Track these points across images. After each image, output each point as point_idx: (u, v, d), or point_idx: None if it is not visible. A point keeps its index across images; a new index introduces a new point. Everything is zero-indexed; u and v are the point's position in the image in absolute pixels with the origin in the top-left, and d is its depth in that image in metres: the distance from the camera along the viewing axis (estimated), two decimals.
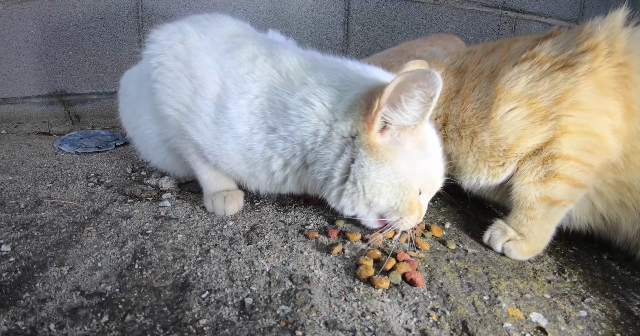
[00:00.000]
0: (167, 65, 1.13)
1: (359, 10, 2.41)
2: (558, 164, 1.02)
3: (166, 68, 1.13)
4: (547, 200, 1.05)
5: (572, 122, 1.00)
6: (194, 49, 1.13)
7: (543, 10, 2.54)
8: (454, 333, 0.81)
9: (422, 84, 0.86)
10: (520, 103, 1.04)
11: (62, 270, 0.95)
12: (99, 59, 2.27)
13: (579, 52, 1.01)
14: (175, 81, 1.12)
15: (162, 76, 1.14)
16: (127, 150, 1.77)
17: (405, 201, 1.00)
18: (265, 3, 2.31)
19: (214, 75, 1.10)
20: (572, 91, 0.99)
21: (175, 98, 1.13)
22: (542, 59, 1.04)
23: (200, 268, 0.98)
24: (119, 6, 2.21)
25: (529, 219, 1.08)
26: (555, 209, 1.07)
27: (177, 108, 1.14)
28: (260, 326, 0.80)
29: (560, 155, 1.02)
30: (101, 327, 0.79)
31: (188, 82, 1.11)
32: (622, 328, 0.86)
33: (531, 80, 1.03)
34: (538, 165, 1.05)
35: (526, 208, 1.08)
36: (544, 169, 1.04)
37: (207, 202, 1.25)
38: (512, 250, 1.08)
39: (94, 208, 1.25)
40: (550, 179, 1.03)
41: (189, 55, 1.12)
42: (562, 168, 1.02)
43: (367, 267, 0.96)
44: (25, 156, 1.68)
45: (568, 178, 1.02)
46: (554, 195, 1.04)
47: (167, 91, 1.13)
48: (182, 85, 1.12)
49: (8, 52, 2.16)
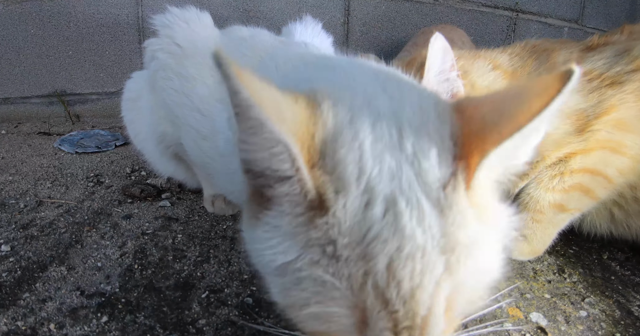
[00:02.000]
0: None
1: (359, 10, 2.40)
2: (586, 177, 1.01)
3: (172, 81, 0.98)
4: (560, 207, 1.04)
5: (609, 139, 0.99)
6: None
7: (543, 10, 2.54)
8: (453, 333, 0.81)
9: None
10: (568, 121, 1.02)
11: (62, 270, 0.95)
12: (99, 59, 2.26)
13: (629, 70, 1.01)
14: (175, 97, 0.96)
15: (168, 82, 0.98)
16: (127, 150, 1.77)
17: None
18: (266, 3, 2.31)
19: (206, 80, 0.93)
20: (616, 108, 0.98)
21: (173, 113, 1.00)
22: (592, 76, 1.03)
23: (200, 268, 0.98)
24: (119, 6, 2.21)
25: (535, 222, 1.07)
26: (563, 216, 1.06)
27: (172, 120, 1.03)
28: (260, 326, 0.80)
29: (590, 169, 1.01)
30: (101, 327, 0.79)
31: (186, 99, 0.94)
32: (622, 328, 0.86)
33: (580, 97, 1.02)
34: (560, 173, 1.03)
35: (535, 211, 1.06)
36: (569, 179, 1.02)
37: (207, 203, 1.25)
38: (513, 250, 1.07)
39: (94, 208, 1.25)
40: (571, 190, 1.02)
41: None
42: (587, 181, 1.01)
43: None
44: (25, 156, 1.68)
45: (588, 191, 1.02)
46: (568, 204, 1.04)
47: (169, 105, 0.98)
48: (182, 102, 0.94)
49: (8, 52, 2.16)
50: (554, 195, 1.04)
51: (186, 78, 0.92)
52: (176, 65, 0.94)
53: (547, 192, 1.05)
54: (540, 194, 1.06)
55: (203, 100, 0.88)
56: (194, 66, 0.92)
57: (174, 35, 0.97)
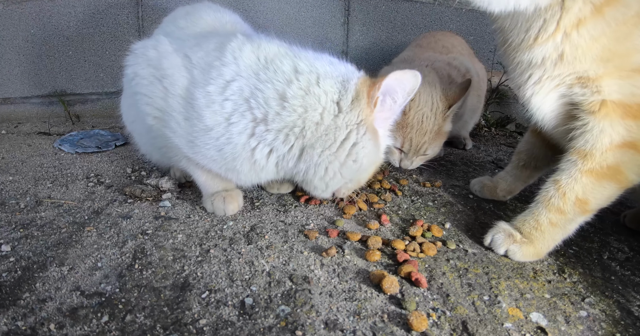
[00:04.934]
0: (141, 74, 1.14)
1: (359, 10, 2.40)
2: (626, 155, 0.94)
3: (141, 77, 1.14)
4: (583, 204, 1.00)
5: None
6: (164, 53, 1.13)
7: None
8: (454, 333, 0.81)
9: (410, 80, 1.05)
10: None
11: (62, 270, 0.95)
12: (99, 59, 2.26)
13: None
14: (149, 87, 1.13)
15: (139, 86, 1.15)
16: (127, 150, 1.77)
17: (370, 176, 1.19)
18: (266, 3, 2.31)
19: (182, 70, 1.09)
20: None
21: (151, 105, 1.13)
22: None
23: (200, 268, 0.98)
24: (119, 6, 2.21)
25: (551, 225, 1.04)
26: (580, 219, 1.03)
27: (155, 115, 1.14)
28: (260, 326, 0.80)
29: (634, 143, 0.93)
30: (101, 327, 0.79)
31: (159, 84, 1.11)
32: (622, 328, 0.86)
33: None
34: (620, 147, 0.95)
35: (556, 210, 1.02)
36: (611, 156, 0.95)
37: (207, 203, 1.25)
38: (517, 253, 1.06)
39: (94, 208, 1.25)
40: (608, 173, 0.96)
41: (160, 59, 1.13)
42: (626, 159, 0.94)
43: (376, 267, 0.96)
44: (25, 156, 1.68)
45: (623, 180, 0.97)
46: (593, 198, 0.99)
47: (144, 100, 1.14)
48: (155, 89, 1.12)
49: (8, 52, 2.16)
50: (585, 186, 0.98)
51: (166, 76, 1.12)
52: (155, 70, 1.13)
53: (581, 178, 0.98)
54: (570, 184, 0.99)
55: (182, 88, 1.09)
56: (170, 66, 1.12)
57: (147, 54, 1.16)
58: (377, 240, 1.09)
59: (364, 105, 1.06)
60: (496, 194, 1.41)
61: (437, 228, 1.18)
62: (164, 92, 1.11)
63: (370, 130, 1.08)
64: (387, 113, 1.11)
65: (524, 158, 1.33)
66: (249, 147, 1.07)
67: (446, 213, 1.31)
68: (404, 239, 1.13)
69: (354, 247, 1.09)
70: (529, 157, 1.32)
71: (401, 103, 1.09)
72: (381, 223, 1.22)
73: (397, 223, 1.24)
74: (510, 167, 1.37)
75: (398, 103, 1.09)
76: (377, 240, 1.09)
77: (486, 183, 1.43)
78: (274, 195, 1.38)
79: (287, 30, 2.34)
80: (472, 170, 1.73)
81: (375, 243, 1.09)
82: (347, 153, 1.08)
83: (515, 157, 1.35)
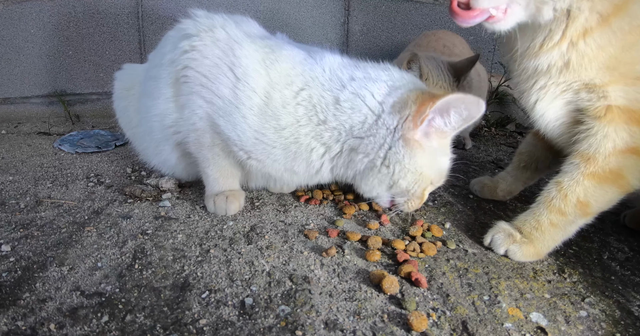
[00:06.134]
0: (203, 51, 1.09)
1: (359, 10, 2.40)
2: (629, 160, 0.94)
3: (202, 54, 1.09)
4: (584, 207, 1.00)
5: None
6: (237, 38, 1.10)
7: None
8: (454, 333, 0.81)
9: (471, 108, 1.01)
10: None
11: (62, 270, 0.95)
12: (99, 59, 2.27)
13: None
14: (213, 69, 1.08)
15: (196, 63, 1.09)
16: (127, 150, 1.77)
17: (420, 187, 1.12)
18: (265, 3, 2.31)
19: (257, 65, 1.09)
20: None
21: (210, 89, 1.09)
22: None
23: (200, 268, 0.98)
24: (119, 6, 2.21)
25: (551, 225, 1.04)
26: (580, 222, 1.04)
27: (211, 100, 1.10)
28: (260, 326, 0.80)
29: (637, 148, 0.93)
30: (101, 327, 0.79)
31: (228, 71, 1.08)
32: (622, 328, 0.86)
33: None
34: (608, 153, 0.95)
35: (557, 211, 1.02)
36: (614, 161, 0.95)
37: (209, 202, 1.25)
38: (517, 253, 1.06)
39: (94, 208, 1.25)
40: (610, 177, 0.96)
41: (231, 43, 1.09)
42: (629, 164, 0.95)
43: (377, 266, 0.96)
44: (25, 156, 1.68)
45: (624, 185, 0.97)
46: (594, 202, 0.99)
47: (201, 80, 1.09)
48: (219, 74, 1.08)
49: (8, 52, 2.16)
50: (586, 189, 0.98)
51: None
52: (224, 55, 1.10)
53: (583, 181, 0.99)
54: (572, 186, 1.00)
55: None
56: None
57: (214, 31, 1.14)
58: (377, 240, 1.09)
59: (409, 116, 1.04)
60: (496, 194, 1.41)
61: (437, 228, 1.18)
62: (233, 81, 1.08)
63: (408, 140, 1.05)
64: (435, 133, 1.07)
65: (525, 160, 1.33)
66: (309, 147, 1.11)
67: (446, 213, 1.31)
68: (404, 239, 1.13)
69: (354, 247, 1.09)
70: (530, 159, 1.32)
71: (453, 127, 1.05)
72: (381, 223, 1.22)
73: (397, 223, 1.24)
74: (511, 168, 1.38)
75: (450, 127, 1.05)
76: (377, 240, 1.09)
77: (486, 183, 1.43)
78: (274, 195, 1.38)
79: (287, 30, 2.34)
80: (472, 170, 1.73)
81: (375, 243, 1.09)
82: (381, 157, 1.08)
83: (516, 158, 1.35)
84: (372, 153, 1.08)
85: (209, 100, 1.11)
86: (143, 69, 1.38)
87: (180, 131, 1.21)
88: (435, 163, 1.12)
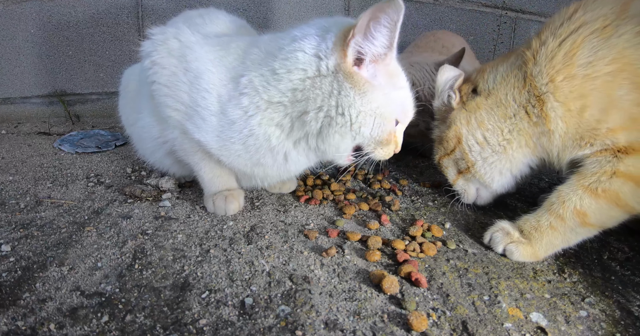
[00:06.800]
0: (161, 64, 1.12)
1: (359, 9, 2.40)
2: (626, 187, 0.97)
3: (161, 66, 1.12)
4: (582, 217, 1.01)
5: None
6: (188, 43, 1.12)
7: (543, 10, 2.54)
8: (454, 333, 0.81)
9: (387, 11, 0.94)
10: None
11: (62, 270, 0.95)
12: (99, 59, 2.27)
13: None
14: (171, 78, 1.11)
15: (158, 75, 1.13)
16: (127, 150, 1.77)
17: (385, 131, 1.07)
18: (265, 3, 2.31)
19: (209, 65, 1.09)
20: None
21: (172, 97, 1.12)
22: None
23: (200, 268, 0.98)
24: (119, 6, 2.21)
25: (550, 228, 1.04)
26: (580, 231, 1.04)
27: (176, 107, 1.13)
28: (260, 326, 0.80)
29: (636, 177, 0.96)
30: (101, 327, 0.79)
31: (183, 76, 1.10)
32: (622, 328, 0.86)
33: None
34: (603, 172, 0.99)
35: (556, 215, 1.03)
36: (606, 182, 0.98)
37: (208, 202, 1.25)
38: (515, 252, 1.06)
39: (94, 208, 1.25)
40: (602, 196, 0.98)
41: (183, 49, 1.12)
42: (626, 191, 0.97)
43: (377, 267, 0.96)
44: (25, 156, 1.68)
45: (625, 206, 0.98)
46: (591, 216, 1.00)
47: (164, 91, 1.12)
48: (177, 81, 1.11)
49: (8, 52, 2.16)
50: (582, 199, 1.00)
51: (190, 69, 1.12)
52: (179, 62, 1.12)
53: (579, 191, 1.01)
54: (570, 194, 1.02)
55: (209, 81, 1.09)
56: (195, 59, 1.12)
57: (168, 43, 1.15)
58: (377, 240, 1.09)
59: (339, 49, 0.99)
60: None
61: (437, 228, 1.18)
62: (189, 85, 1.10)
63: (352, 79, 1.00)
64: (373, 63, 1.02)
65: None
66: (266, 135, 1.09)
67: (446, 213, 1.31)
68: (404, 239, 1.13)
69: (354, 246, 1.09)
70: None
71: (384, 44, 0.99)
72: (381, 223, 1.22)
73: (397, 223, 1.24)
74: None
75: (381, 44, 0.99)
76: (377, 240, 1.09)
77: None
78: (274, 195, 1.38)
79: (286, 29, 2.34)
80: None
81: (375, 243, 1.09)
82: (334, 105, 1.02)
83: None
84: (324, 105, 1.03)
85: (175, 108, 1.14)
86: (138, 68, 1.39)
87: (167, 141, 1.25)
88: (391, 99, 1.06)
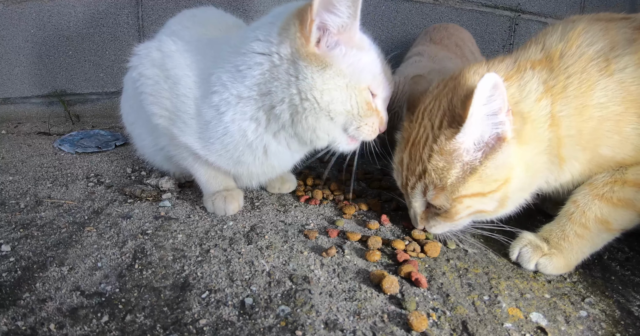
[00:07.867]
0: (146, 74, 1.15)
1: (359, 9, 2.41)
2: (638, 194, 0.96)
3: (146, 77, 1.15)
4: (605, 224, 0.99)
5: None
6: (168, 52, 1.15)
7: (543, 10, 2.54)
8: (454, 333, 0.81)
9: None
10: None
11: (62, 270, 0.95)
12: (99, 59, 2.27)
13: None
14: (154, 86, 1.15)
15: (144, 86, 1.16)
16: (127, 150, 1.77)
17: (360, 101, 1.02)
18: (265, 3, 2.31)
19: (185, 70, 1.12)
20: None
21: (157, 105, 1.15)
22: None
23: (200, 268, 0.98)
24: (119, 6, 2.21)
25: (577, 237, 1.00)
26: (605, 236, 1.02)
27: (162, 114, 1.16)
28: (260, 326, 0.80)
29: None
30: (101, 327, 0.79)
31: (164, 84, 1.14)
32: (622, 328, 0.86)
33: None
34: (613, 181, 0.98)
35: (580, 224, 1.00)
36: (619, 191, 0.97)
37: (207, 203, 1.25)
38: (548, 266, 1.00)
39: (94, 208, 1.25)
40: (619, 204, 0.97)
41: (164, 59, 1.15)
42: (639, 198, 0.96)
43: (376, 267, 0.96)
44: (25, 156, 1.68)
45: (634, 207, 0.97)
46: (614, 222, 0.99)
47: (150, 100, 1.15)
48: (160, 89, 1.14)
49: (8, 52, 2.16)
50: (601, 208, 0.98)
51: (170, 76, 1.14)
52: (160, 71, 1.15)
53: (595, 201, 0.99)
54: (588, 204, 1.00)
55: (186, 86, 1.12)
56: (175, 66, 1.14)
57: (151, 55, 1.17)
58: (377, 240, 1.09)
59: (296, 34, 0.96)
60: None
61: None
62: (169, 91, 1.13)
63: (309, 59, 0.97)
64: (338, 35, 0.98)
65: None
66: (241, 130, 1.08)
67: None
68: (404, 239, 1.13)
69: (354, 246, 1.09)
70: None
71: (349, 13, 0.96)
72: (381, 223, 1.22)
73: (398, 223, 1.24)
74: None
75: (344, 14, 0.96)
76: (377, 240, 1.09)
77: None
78: (274, 195, 1.38)
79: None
80: None
81: (375, 243, 1.09)
82: (296, 93, 0.99)
83: None
84: (286, 97, 1.00)
85: (160, 115, 1.16)
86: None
87: (163, 147, 1.28)
88: (356, 66, 1.01)
